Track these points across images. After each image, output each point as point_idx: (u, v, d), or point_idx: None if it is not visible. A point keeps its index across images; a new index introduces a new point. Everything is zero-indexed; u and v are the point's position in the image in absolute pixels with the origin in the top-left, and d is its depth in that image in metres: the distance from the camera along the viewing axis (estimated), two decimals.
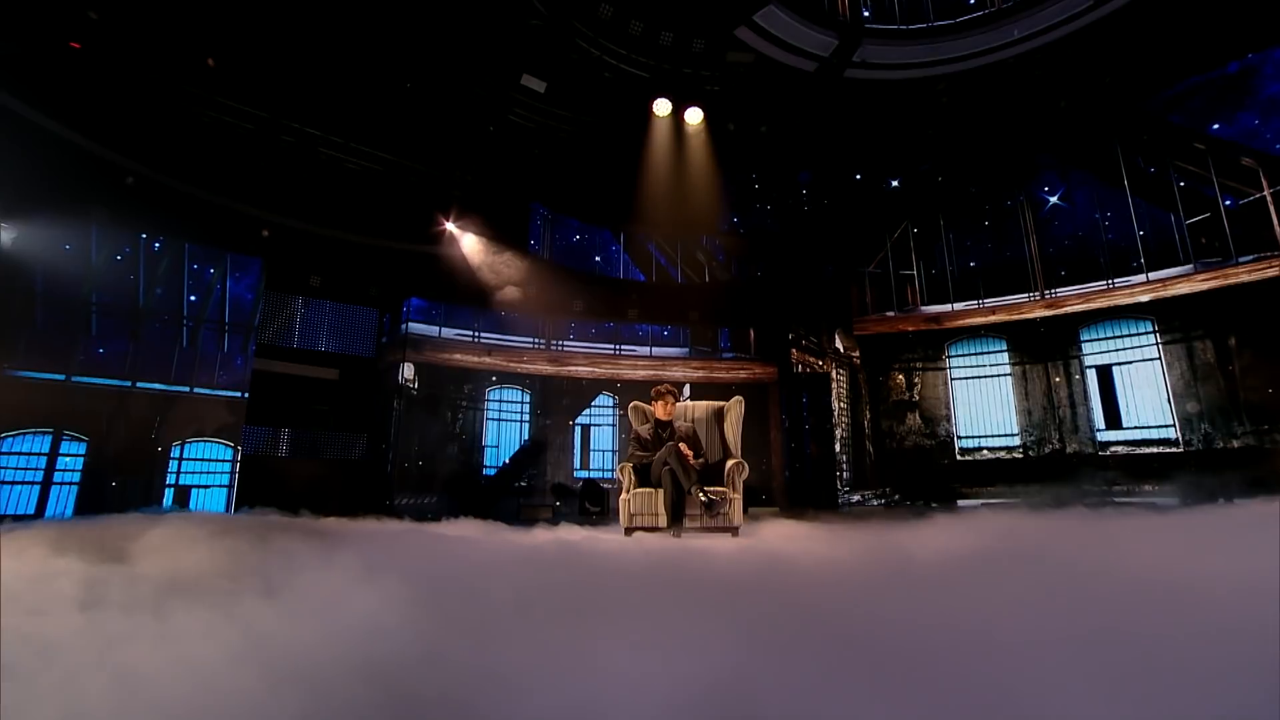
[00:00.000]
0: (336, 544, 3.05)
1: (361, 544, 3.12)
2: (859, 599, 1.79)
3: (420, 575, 2.11)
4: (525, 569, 2.34)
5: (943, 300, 10.82)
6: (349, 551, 2.62)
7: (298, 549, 2.72)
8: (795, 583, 2.02)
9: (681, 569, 2.30)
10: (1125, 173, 9.71)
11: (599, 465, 11.98)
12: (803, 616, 1.54)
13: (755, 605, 1.69)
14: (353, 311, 10.58)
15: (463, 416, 10.56)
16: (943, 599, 1.70)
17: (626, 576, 2.10)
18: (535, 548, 3.31)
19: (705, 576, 2.13)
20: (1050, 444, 9.71)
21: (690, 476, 4.51)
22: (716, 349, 13.14)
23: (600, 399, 12.28)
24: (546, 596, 1.78)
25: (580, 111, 11.24)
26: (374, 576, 1.94)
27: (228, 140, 9.43)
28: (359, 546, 2.94)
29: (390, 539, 3.95)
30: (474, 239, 11.14)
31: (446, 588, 1.89)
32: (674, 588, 1.90)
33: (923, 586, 1.92)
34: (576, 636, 1.36)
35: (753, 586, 1.98)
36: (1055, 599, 1.57)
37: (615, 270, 13.98)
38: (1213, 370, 8.84)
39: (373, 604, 1.61)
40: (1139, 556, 2.16)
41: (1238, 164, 9.02)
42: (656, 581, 1.99)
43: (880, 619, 1.50)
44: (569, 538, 4.31)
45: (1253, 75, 8.93)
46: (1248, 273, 8.60)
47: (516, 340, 11.39)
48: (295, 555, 2.49)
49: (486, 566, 2.39)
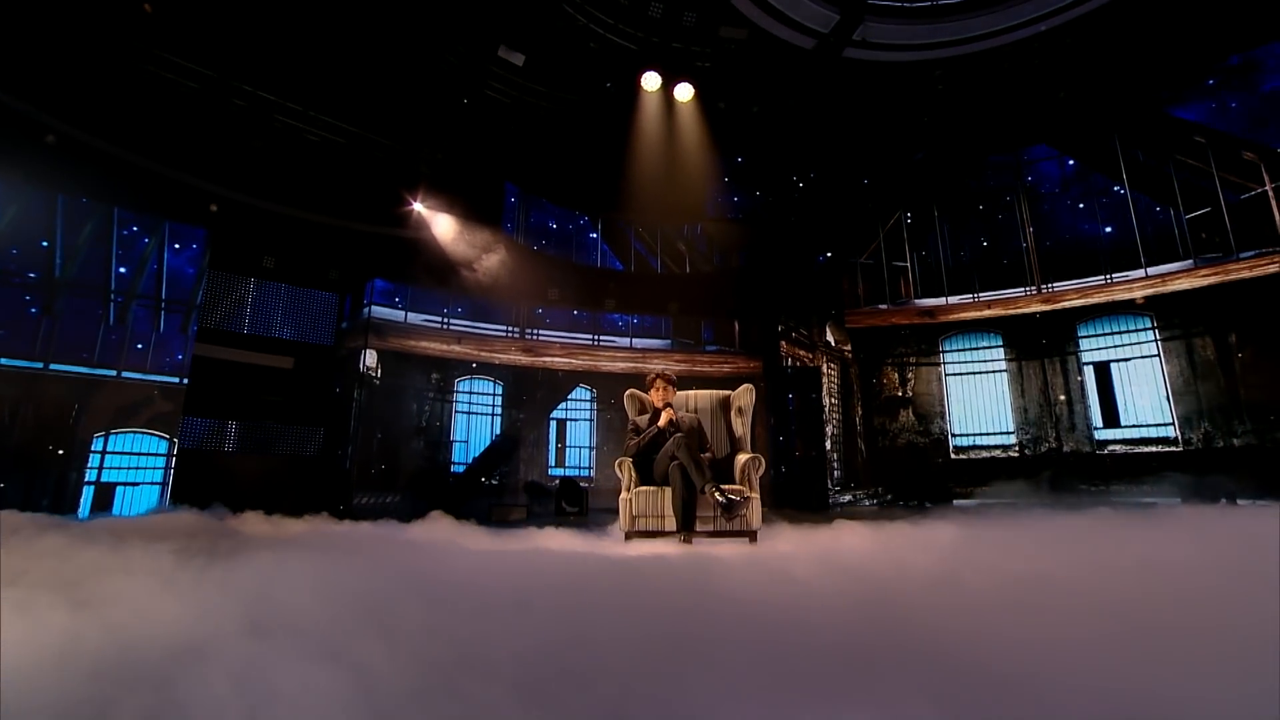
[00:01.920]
0: (237, 551, 2.40)
1: (272, 552, 2.45)
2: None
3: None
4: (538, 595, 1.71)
5: (936, 293, 10.47)
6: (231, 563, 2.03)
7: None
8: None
9: (773, 605, 1.67)
10: (1124, 166, 9.49)
11: (575, 462, 11.34)
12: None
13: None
14: (310, 296, 9.72)
15: (429, 409, 9.77)
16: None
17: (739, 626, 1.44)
18: (530, 559, 2.67)
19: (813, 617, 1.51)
20: (1047, 442, 9.43)
21: (704, 473, 3.91)
22: (699, 341, 12.63)
23: (577, 392, 11.64)
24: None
25: (561, 88, 10.56)
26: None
27: (169, 100, 8.47)
28: (256, 556, 2.28)
29: (329, 543, 3.30)
30: (445, 219, 10.36)
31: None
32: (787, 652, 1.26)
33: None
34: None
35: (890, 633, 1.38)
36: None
37: (592, 258, 13.36)
38: (1213, 368, 8.66)
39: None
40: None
41: (1239, 158, 8.86)
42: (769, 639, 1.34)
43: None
44: (569, 547, 3.67)
45: (1254, 69, 8.79)
46: (1249, 268, 8.44)
47: (488, 328, 10.65)
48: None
49: (477, 601, 1.75)
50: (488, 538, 5.26)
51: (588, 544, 3.99)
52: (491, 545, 4.21)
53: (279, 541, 3.54)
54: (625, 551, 3.46)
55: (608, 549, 3.54)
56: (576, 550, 3.48)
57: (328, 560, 2.44)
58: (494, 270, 10.54)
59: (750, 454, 4.32)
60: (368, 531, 4.81)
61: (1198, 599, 1.55)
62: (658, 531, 4.03)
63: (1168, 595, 1.62)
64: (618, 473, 4.40)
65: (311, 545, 3.18)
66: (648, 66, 9.29)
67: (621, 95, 9.98)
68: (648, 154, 10.53)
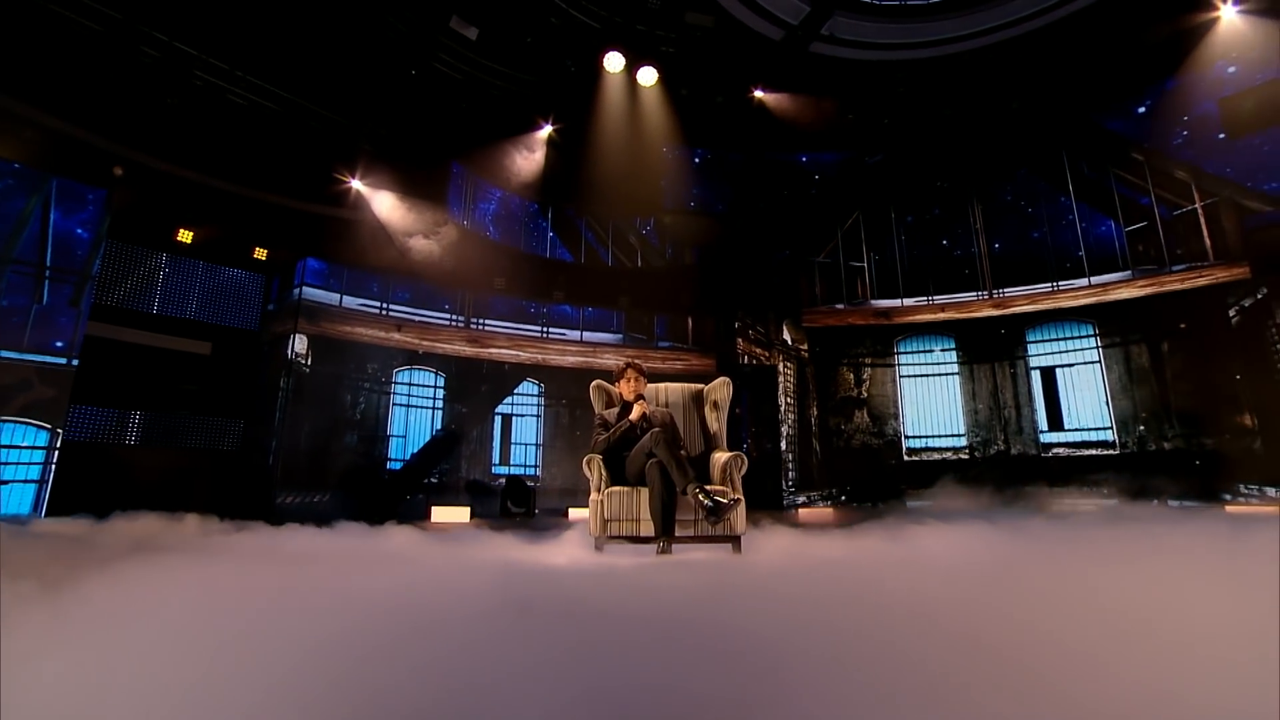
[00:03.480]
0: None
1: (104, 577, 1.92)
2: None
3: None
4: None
5: (892, 295, 10.55)
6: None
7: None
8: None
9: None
10: (1070, 177, 9.82)
11: (521, 461, 10.79)
12: None
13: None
14: (232, 275, 8.88)
15: (365, 400, 9.04)
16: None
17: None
18: (492, 580, 2.23)
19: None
20: (996, 445, 9.64)
21: (686, 473, 3.56)
22: (652, 337, 12.32)
23: (524, 386, 11.10)
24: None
25: (518, 67, 10.01)
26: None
27: (63, 41, 7.42)
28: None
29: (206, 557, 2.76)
30: (386, 198, 9.65)
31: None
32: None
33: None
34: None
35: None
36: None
37: (541, 247, 12.86)
38: (1147, 374, 9.05)
39: None
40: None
41: (1172, 176, 9.30)
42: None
43: None
44: (535, 559, 3.22)
45: (1188, 91, 9.23)
46: (1180, 281, 8.85)
47: (431, 315, 9.98)
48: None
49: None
50: (429, 544, 4.73)
51: (550, 553, 3.57)
52: (434, 554, 3.72)
53: (140, 554, 2.91)
54: (610, 563, 3.07)
55: (585, 561, 3.13)
56: (555, 565, 3.04)
57: (173, 586, 1.92)
58: (438, 254, 9.90)
59: (732, 452, 4.00)
60: (266, 541, 4.14)
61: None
62: (633, 537, 3.65)
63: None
64: (585, 471, 3.99)
65: (169, 563, 2.55)
66: (611, 47, 8.89)
67: (582, 77, 9.54)
68: (606, 141, 10.13)
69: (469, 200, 11.33)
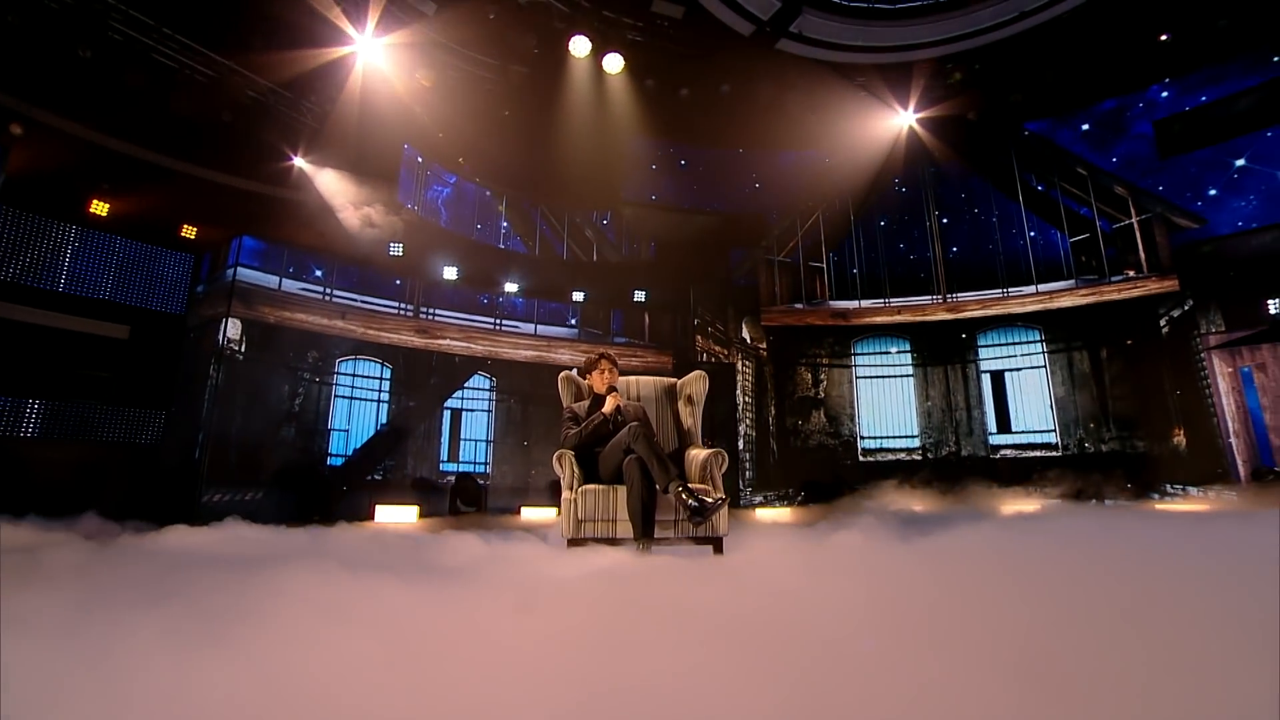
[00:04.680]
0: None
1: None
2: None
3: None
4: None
5: (850, 296, 10.67)
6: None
7: None
8: None
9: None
10: (1020, 188, 10.16)
11: (471, 457, 10.37)
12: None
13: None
14: (155, 254, 8.15)
15: (304, 391, 8.43)
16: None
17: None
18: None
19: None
20: (947, 446, 9.87)
21: (669, 470, 3.34)
22: (608, 332, 12.10)
23: (475, 380, 10.68)
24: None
25: (477, 47, 9.57)
26: None
27: None
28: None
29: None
30: (332, 176, 9.05)
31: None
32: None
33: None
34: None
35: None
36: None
37: (495, 237, 12.44)
38: (1088, 380, 9.46)
39: None
40: None
41: (1112, 191, 9.75)
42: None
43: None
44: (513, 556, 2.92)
45: (1126, 111, 9.70)
46: (1118, 291, 9.29)
47: (378, 303, 9.44)
48: None
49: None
50: (390, 545, 4.37)
51: (516, 553, 3.29)
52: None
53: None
54: (585, 564, 2.82)
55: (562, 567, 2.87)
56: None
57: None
58: (387, 239, 9.37)
59: (713, 449, 3.81)
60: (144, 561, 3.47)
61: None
62: (608, 539, 3.41)
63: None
64: (556, 468, 3.72)
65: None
66: (577, 31, 8.59)
67: (546, 60, 9.19)
68: (569, 129, 9.82)
69: (420, 183, 10.80)
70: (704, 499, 3.19)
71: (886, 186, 10.93)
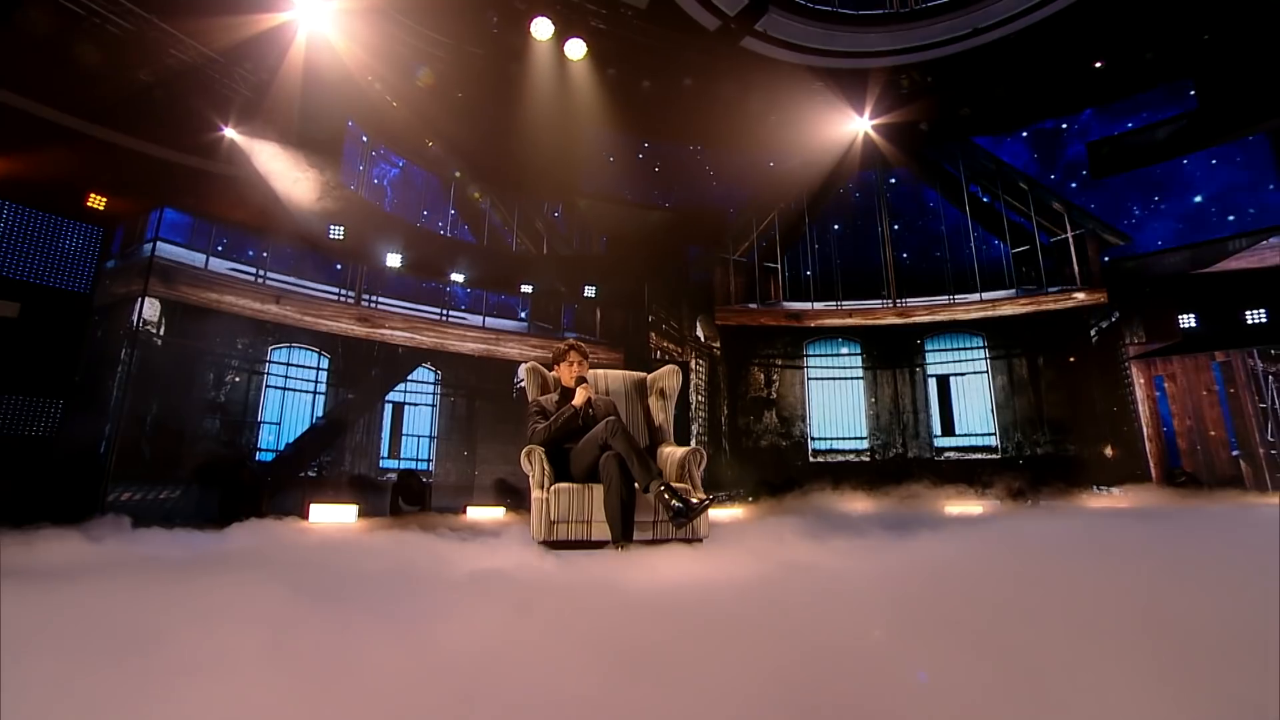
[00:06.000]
0: None
1: None
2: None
3: None
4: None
5: (803, 298, 10.78)
6: None
7: None
8: None
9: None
10: (967, 199, 10.53)
11: (413, 453, 9.87)
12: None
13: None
14: (54, 223, 7.32)
15: (232, 380, 7.76)
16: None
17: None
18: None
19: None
20: (895, 448, 10.10)
21: (650, 469, 3.15)
22: (559, 327, 11.80)
23: (419, 373, 10.19)
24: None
25: (429, 23, 9.11)
26: None
27: None
28: None
29: None
30: (268, 150, 8.39)
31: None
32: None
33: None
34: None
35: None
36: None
37: (442, 225, 11.94)
38: (1025, 385, 9.89)
39: None
40: None
41: (1050, 206, 10.23)
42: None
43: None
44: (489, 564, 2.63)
45: (1063, 132, 10.23)
46: (1054, 302, 9.77)
47: (317, 288, 8.83)
48: None
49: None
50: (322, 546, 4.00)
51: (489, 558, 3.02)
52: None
53: None
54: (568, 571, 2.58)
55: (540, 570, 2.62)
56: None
57: None
58: (327, 221, 8.79)
59: (689, 446, 3.65)
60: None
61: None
62: (583, 541, 3.19)
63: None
64: (524, 465, 3.48)
65: None
66: (539, 12, 8.29)
67: (505, 43, 8.83)
68: (525, 116, 9.48)
69: (366, 162, 10.21)
70: (689, 500, 3.02)
71: (841, 191, 11.11)
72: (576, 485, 3.29)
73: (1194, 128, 9.51)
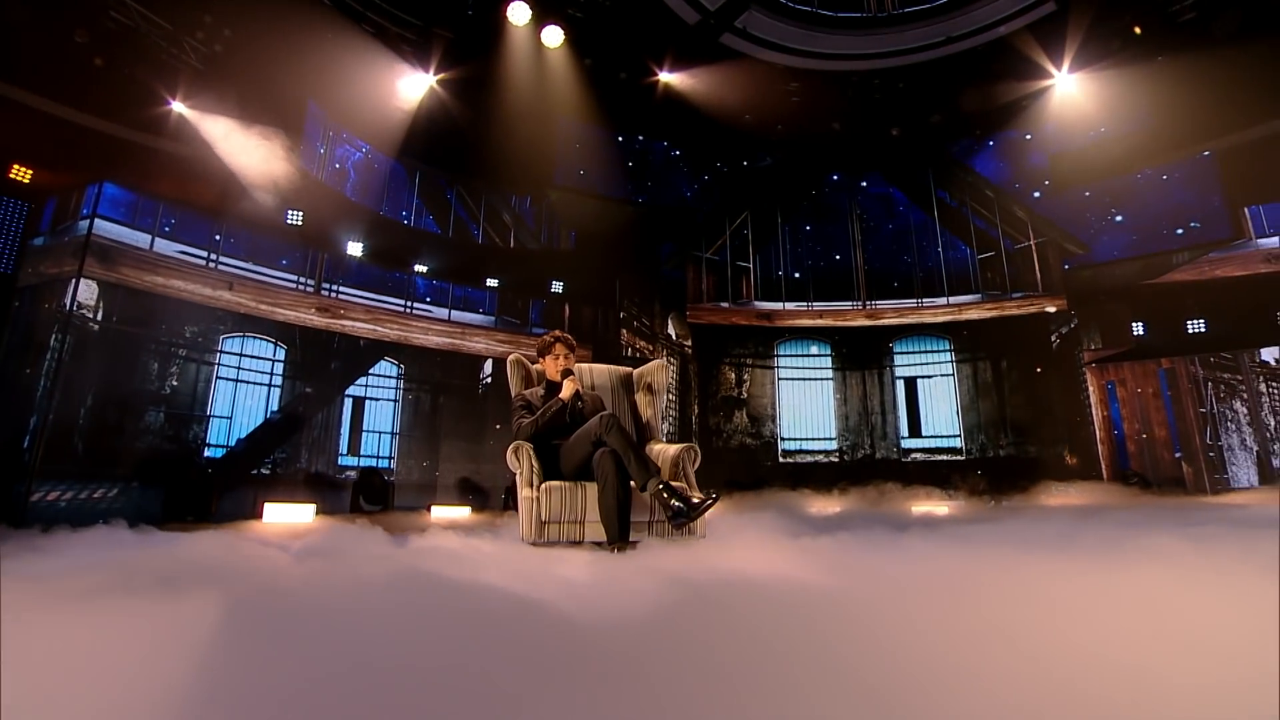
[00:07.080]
0: None
1: None
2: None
3: None
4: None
5: (775, 298, 10.79)
6: None
7: None
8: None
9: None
10: (935, 204, 10.73)
11: (374, 450, 9.46)
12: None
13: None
14: None
15: (178, 370, 7.24)
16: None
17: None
18: None
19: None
20: (863, 449, 10.20)
21: (648, 466, 2.98)
22: (527, 322, 11.52)
23: (381, 366, 9.79)
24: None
25: (401, 5, 8.76)
26: None
27: None
28: None
29: None
30: (221, 125, 7.90)
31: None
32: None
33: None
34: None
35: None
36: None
37: (405, 214, 11.51)
38: (990, 388, 10.13)
39: None
40: None
41: (1014, 214, 10.51)
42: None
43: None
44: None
45: (1027, 143, 10.50)
46: (1017, 307, 10.05)
47: (274, 275, 8.35)
48: None
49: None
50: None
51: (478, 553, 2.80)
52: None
53: None
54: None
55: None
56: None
57: None
58: (285, 205, 8.34)
59: (682, 443, 3.51)
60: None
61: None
62: (576, 541, 3.01)
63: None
64: (510, 461, 3.27)
65: None
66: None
67: (479, 26, 8.53)
68: (497, 103, 9.19)
69: (327, 144, 9.72)
70: (690, 499, 2.87)
71: (814, 193, 11.17)
72: (569, 484, 3.11)
73: (1149, 144, 9.91)
